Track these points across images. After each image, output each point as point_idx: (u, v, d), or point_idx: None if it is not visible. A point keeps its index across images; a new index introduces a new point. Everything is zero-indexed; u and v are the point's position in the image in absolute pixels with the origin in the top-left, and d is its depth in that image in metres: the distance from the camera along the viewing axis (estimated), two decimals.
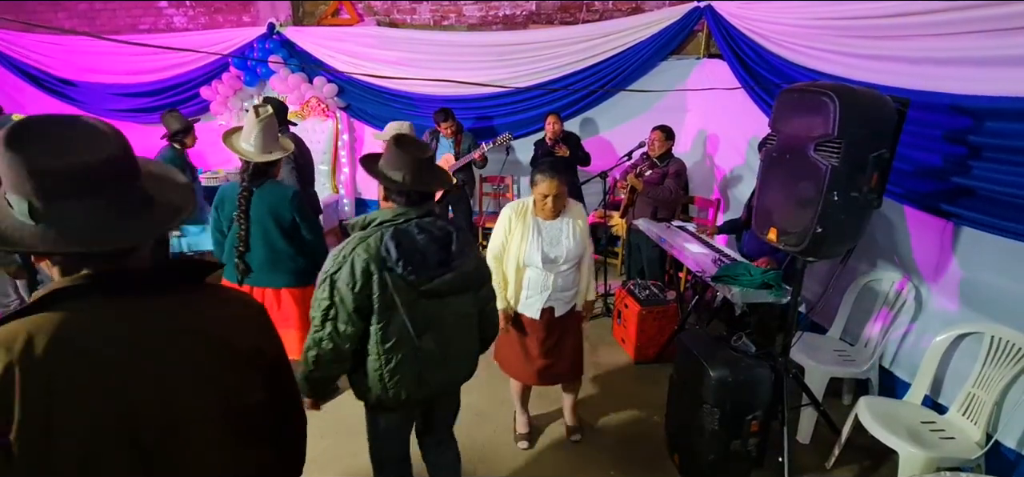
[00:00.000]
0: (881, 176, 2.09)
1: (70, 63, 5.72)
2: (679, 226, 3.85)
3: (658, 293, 3.58)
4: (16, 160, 0.78)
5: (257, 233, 2.53)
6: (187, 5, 5.91)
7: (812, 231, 2.09)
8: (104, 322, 0.85)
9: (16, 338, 0.78)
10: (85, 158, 0.81)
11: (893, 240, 2.88)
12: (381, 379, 1.66)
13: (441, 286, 1.64)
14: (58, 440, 0.79)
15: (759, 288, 2.67)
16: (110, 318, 0.85)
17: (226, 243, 2.60)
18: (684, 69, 4.84)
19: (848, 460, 2.59)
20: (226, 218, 2.60)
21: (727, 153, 4.56)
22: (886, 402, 2.55)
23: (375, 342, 1.63)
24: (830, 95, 1.97)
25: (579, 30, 4.93)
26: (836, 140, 1.97)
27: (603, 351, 3.70)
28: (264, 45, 5.28)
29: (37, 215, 0.79)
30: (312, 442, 1.25)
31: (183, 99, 5.66)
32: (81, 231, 0.81)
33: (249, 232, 2.52)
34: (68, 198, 0.80)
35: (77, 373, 0.81)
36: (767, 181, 2.35)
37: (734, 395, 2.30)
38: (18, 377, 0.77)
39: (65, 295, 0.83)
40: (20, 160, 0.78)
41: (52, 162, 0.79)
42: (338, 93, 5.48)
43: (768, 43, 3.62)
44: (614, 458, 2.69)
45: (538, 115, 5.09)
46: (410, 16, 5.57)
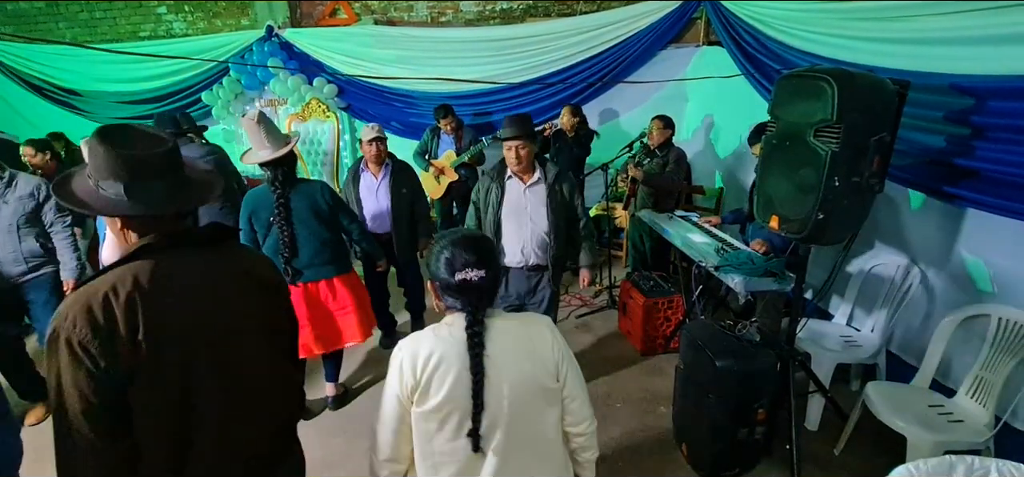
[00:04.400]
0: (882, 160, 2.07)
1: (73, 73, 5.76)
2: (682, 216, 3.83)
3: (663, 284, 3.57)
4: (111, 153, 1.09)
5: (303, 233, 2.61)
6: (186, 10, 5.92)
7: (814, 217, 2.07)
8: (183, 266, 1.16)
9: (126, 278, 1.08)
10: (156, 150, 1.14)
11: (897, 224, 2.86)
12: None
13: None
14: (164, 349, 1.09)
15: (763, 276, 2.66)
16: (185, 263, 1.17)
17: (266, 249, 2.64)
18: (684, 58, 4.81)
19: (857, 445, 2.58)
20: (262, 225, 2.63)
21: (729, 141, 4.54)
22: (894, 387, 2.54)
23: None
24: (828, 80, 1.95)
25: (577, 22, 4.91)
26: (835, 125, 1.95)
27: (609, 343, 3.71)
28: (263, 48, 5.30)
29: (129, 191, 1.10)
30: (326, 439, 1.28)
31: (185, 105, 5.69)
32: (159, 200, 1.13)
33: (294, 236, 2.59)
34: (149, 178, 1.12)
35: (172, 300, 1.12)
36: (767, 168, 2.33)
37: (740, 384, 2.29)
38: (140, 303, 1.07)
39: (149, 250, 1.13)
40: (115, 153, 1.10)
41: (138, 153, 1.12)
42: (338, 94, 5.49)
43: (767, 28, 3.58)
44: (622, 449, 2.69)
45: (539, 108, 5.08)
46: (407, 14, 5.56)
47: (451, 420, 1.22)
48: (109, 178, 1.10)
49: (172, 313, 1.12)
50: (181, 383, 1.13)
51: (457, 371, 1.20)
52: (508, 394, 1.22)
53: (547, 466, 1.32)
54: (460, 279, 1.20)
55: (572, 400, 1.32)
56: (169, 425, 1.13)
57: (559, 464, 1.34)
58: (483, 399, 1.20)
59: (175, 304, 1.12)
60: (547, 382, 1.27)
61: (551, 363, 1.28)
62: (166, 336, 1.10)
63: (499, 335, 1.24)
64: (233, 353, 1.21)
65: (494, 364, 1.21)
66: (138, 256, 1.11)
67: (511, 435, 1.24)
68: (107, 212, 1.13)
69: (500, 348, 1.23)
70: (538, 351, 1.27)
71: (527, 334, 1.28)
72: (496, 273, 1.26)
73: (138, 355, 1.07)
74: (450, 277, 1.22)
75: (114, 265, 1.11)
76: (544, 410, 1.28)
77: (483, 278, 1.21)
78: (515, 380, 1.23)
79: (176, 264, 1.15)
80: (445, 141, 4.79)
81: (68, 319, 1.04)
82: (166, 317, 1.10)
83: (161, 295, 1.10)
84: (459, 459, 1.24)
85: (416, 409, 1.23)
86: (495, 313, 1.28)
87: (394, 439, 1.26)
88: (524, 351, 1.25)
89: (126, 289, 1.07)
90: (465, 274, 1.20)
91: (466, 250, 1.22)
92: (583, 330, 3.90)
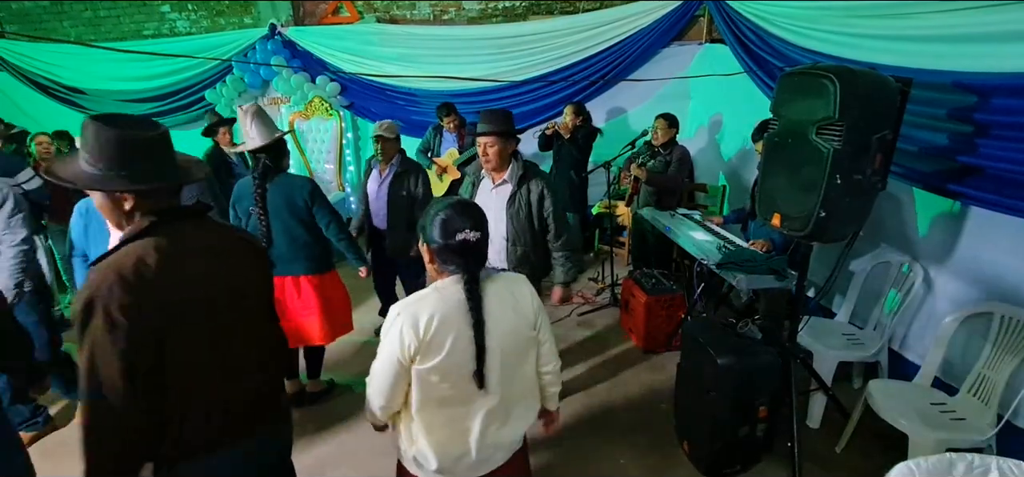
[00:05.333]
0: (885, 157, 2.07)
1: (78, 71, 5.79)
2: (684, 214, 3.83)
3: (665, 282, 3.58)
4: (108, 132, 1.18)
5: (277, 225, 2.61)
6: (190, 9, 5.94)
7: (816, 215, 2.07)
8: (193, 235, 1.30)
9: (148, 249, 1.19)
10: (151, 133, 1.25)
11: (900, 222, 2.85)
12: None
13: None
14: (192, 310, 1.24)
15: (765, 274, 2.66)
16: (193, 233, 1.31)
17: None
18: (686, 55, 4.80)
19: (858, 443, 2.58)
20: (243, 213, 2.67)
21: (732, 138, 4.53)
22: (896, 385, 2.54)
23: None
24: (830, 77, 1.95)
25: (579, 19, 4.91)
26: (837, 122, 1.95)
27: (611, 341, 3.71)
28: (266, 46, 5.31)
29: (128, 169, 1.19)
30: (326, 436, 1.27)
31: (188, 103, 5.72)
32: (151, 175, 1.23)
33: (269, 226, 2.59)
34: (147, 156, 1.23)
35: (193, 266, 1.26)
36: (769, 166, 2.33)
37: (741, 382, 2.30)
38: (167, 269, 1.19)
39: (160, 225, 1.23)
40: (116, 136, 1.19)
41: (134, 133, 1.21)
42: (341, 92, 5.50)
43: (770, 26, 3.58)
44: (624, 446, 2.70)
45: (541, 106, 5.09)
46: (410, 12, 5.57)
47: (453, 371, 1.35)
48: (101, 157, 1.19)
49: (196, 277, 1.26)
50: (209, 339, 1.28)
51: (458, 328, 1.33)
52: (500, 341, 1.39)
53: (528, 398, 1.56)
54: (461, 239, 1.33)
55: (544, 344, 1.56)
56: (200, 379, 1.26)
57: (535, 395, 1.60)
58: (485, 345, 1.35)
59: (196, 269, 1.26)
60: (528, 331, 1.47)
61: (531, 315, 1.48)
62: (193, 298, 1.24)
63: (489, 292, 1.39)
64: (244, 311, 1.38)
65: (489, 316, 1.36)
66: (150, 231, 1.22)
67: (504, 374, 1.42)
68: (95, 186, 1.21)
69: (489, 305, 1.37)
70: (520, 305, 1.46)
71: (511, 291, 1.46)
72: (487, 236, 1.40)
73: (171, 317, 1.20)
74: (449, 239, 1.33)
75: (129, 240, 1.21)
76: (526, 352, 1.49)
77: (480, 238, 1.36)
78: (505, 330, 1.40)
79: (186, 234, 1.28)
80: (448, 139, 4.80)
81: (102, 288, 1.12)
82: (191, 281, 1.24)
83: (183, 261, 1.24)
84: (461, 398, 1.40)
85: (418, 367, 1.34)
86: (484, 276, 1.42)
87: (390, 392, 1.39)
88: (510, 306, 1.43)
89: (153, 258, 1.18)
90: (465, 235, 1.33)
91: (462, 214, 1.36)
92: (585, 327, 3.90)
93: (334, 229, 2.75)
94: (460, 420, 1.42)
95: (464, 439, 1.42)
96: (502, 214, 2.48)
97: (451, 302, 1.33)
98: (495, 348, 1.37)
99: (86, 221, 2.56)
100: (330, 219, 2.74)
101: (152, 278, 1.17)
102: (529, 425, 1.57)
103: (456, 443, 1.42)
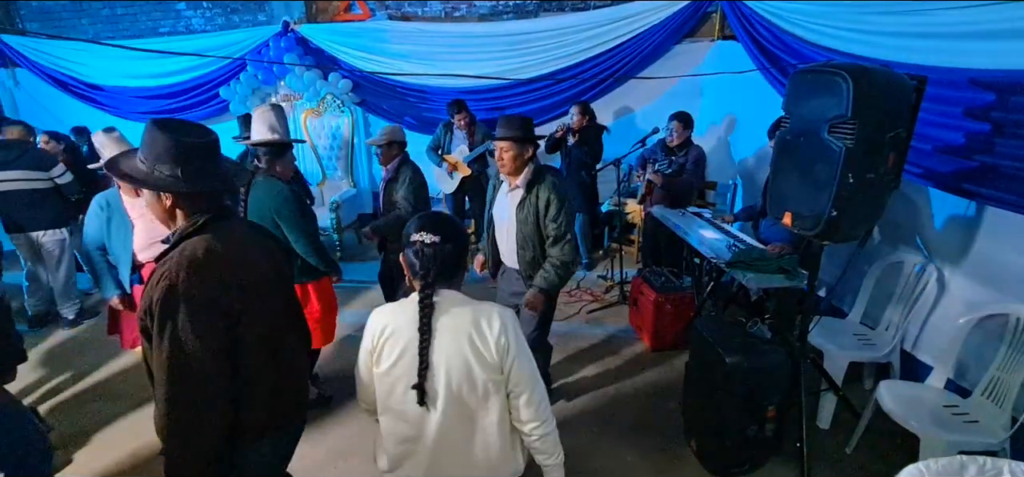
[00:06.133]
0: (898, 156, 2.05)
1: (96, 68, 5.90)
2: (694, 212, 3.82)
3: (674, 280, 3.56)
4: (170, 139, 1.32)
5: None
6: (205, 7, 6.01)
7: (827, 214, 2.06)
8: (241, 231, 1.46)
9: (212, 242, 1.32)
10: (207, 139, 1.39)
11: (914, 221, 2.82)
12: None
13: None
14: (256, 295, 1.39)
15: (775, 273, 2.65)
16: (240, 229, 1.46)
17: None
18: (698, 52, 4.77)
19: (869, 444, 2.56)
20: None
21: (744, 136, 4.50)
22: (908, 386, 2.51)
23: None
24: (843, 75, 1.93)
25: (591, 16, 4.89)
26: (850, 121, 1.93)
27: (619, 338, 3.71)
28: (279, 43, 5.36)
29: (186, 173, 1.32)
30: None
31: (203, 100, 5.80)
32: (208, 179, 1.37)
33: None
34: (201, 161, 1.36)
35: (250, 256, 1.42)
36: (781, 165, 2.32)
37: (749, 381, 2.29)
38: (233, 259, 1.35)
39: (214, 222, 1.36)
40: (173, 140, 1.32)
41: (193, 141, 1.35)
42: (353, 88, 5.54)
43: (784, 23, 3.54)
44: (631, 444, 2.70)
45: (551, 104, 5.08)
46: (421, 9, 5.58)
47: (400, 383, 1.34)
48: (167, 161, 1.32)
49: (254, 266, 1.42)
50: (270, 321, 1.44)
51: (405, 341, 1.32)
52: (446, 364, 1.30)
53: (491, 450, 1.38)
54: (414, 240, 1.32)
55: (516, 397, 1.36)
56: (262, 363, 1.40)
57: (501, 451, 1.39)
58: (429, 359, 1.29)
59: (253, 259, 1.43)
60: (484, 371, 1.31)
61: (494, 353, 1.31)
62: (255, 283, 1.39)
63: (448, 314, 1.32)
64: (286, 298, 1.56)
65: (439, 334, 1.30)
66: (207, 227, 1.35)
67: (450, 406, 1.33)
68: (163, 188, 1.33)
69: (444, 326, 1.31)
70: (480, 339, 1.31)
71: (474, 320, 1.32)
72: (454, 249, 1.33)
73: (240, 299, 1.33)
74: (407, 243, 1.34)
75: (188, 235, 1.33)
76: (484, 396, 1.34)
77: (435, 243, 1.30)
78: (452, 354, 1.30)
79: (235, 230, 1.43)
80: (458, 136, 4.81)
81: (180, 277, 1.24)
82: (252, 268, 1.41)
83: (242, 252, 1.39)
84: (409, 417, 1.35)
85: (376, 370, 1.38)
86: (453, 295, 1.35)
87: (365, 389, 1.45)
88: (465, 336, 1.30)
89: (218, 247, 1.32)
90: (420, 236, 1.31)
91: (424, 220, 1.35)
92: (594, 325, 3.90)
93: (302, 245, 2.56)
94: (412, 441, 1.37)
95: (413, 462, 1.39)
96: (513, 218, 2.48)
97: (409, 313, 1.32)
98: (441, 368, 1.30)
99: (108, 215, 2.61)
100: (299, 235, 2.54)
101: (222, 264, 1.31)
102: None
103: (404, 462, 1.40)
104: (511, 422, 1.40)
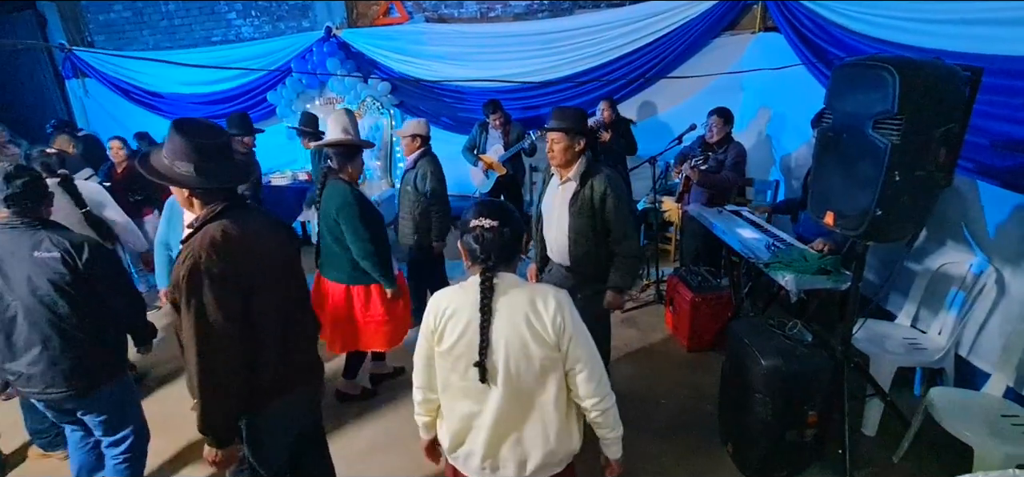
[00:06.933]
0: (950, 152, 1.94)
1: (156, 76, 6.29)
2: (732, 211, 3.72)
3: (711, 280, 3.50)
4: (186, 140, 1.50)
5: (323, 229, 2.73)
6: (253, 15, 6.31)
7: (871, 214, 1.98)
8: (254, 218, 1.60)
9: (227, 226, 1.49)
10: (219, 139, 1.58)
11: (970, 219, 2.66)
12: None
13: None
14: (268, 273, 1.57)
15: (816, 274, 2.56)
16: (253, 216, 1.61)
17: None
18: (739, 45, 4.64)
19: (918, 454, 2.45)
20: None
21: (786, 132, 4.35)
22: (961, 393, 2.39)
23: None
24: (889, 69, 1.85)
25: (626, 12, 4.83)
26: (896, 116, 1.85)
27: (655, 339, 3.67)
28: (322, 48, 5.56)
29: (199, 169, 1.51)
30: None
31: (252, 105, 6.09)
32: (221, 175, 1.55)
33: (319, 228, 2.74)
34: (215, 159, 1.53)
35: (263, 240, 1.58)
36: (823, 162, 2.24)
37: (788, 385, 2.23)
38: (245, 241, 1.51)
39: (226, 212, 1.52)
40: (189, 140, 1.50)
41: (206, 141, 1.53)
42: (391, 90, 5.68)
43: (829, 12, 3.41)
44: (665, 446, 2.68)
45: (589, 101, 5.05)
46: (457, 9, 5.66)
47: (461, 362, 1.40)
48: (183, 159, 1.50)
49: (265, 248, 1.58)
50: (281, 296, 1.62)
51: (466, 321, 1.38)
52: (506, 343, 1.36)
53: (548, 427, 1.44)
54: (474, 226, 1.39)
55: (576, 374, 1.42)
56: (272, 331, 1.58)
57: (558, 428, 1.44)
58: (489, 338, 1.36)
59: (265, 242, 1.59)
60: (541, 349, 1.37)
61: (551, 333, 1.36)
62: (266, 262, 1.57)
63: (506, 295, 1.38)
64: (296, 277, 1.73)
65: (498, 314, 1.37)
66: (223, 214, 1.51)
67: (510, 382, 1.39)
68: (181, 184, 1.53)
69: (503, 306, 1.37)
70: (537, 319, 1.36)
71: (531, 300, 1.38)
72: (512, 232, 1.41)
73: (253, 274, 1.51)
74: (466, 229, 1.42)
75: (207, 221, 1.50)
76: (543, 374, 1.40)
77: (495, 227, 1.38)
78: (511, 335, 1.36)
79: (249, 217, 1.58)
80: (493, 136, 4.86)
81: (201, 255, 1.43)
82: (262, 249, 1.57)
83: (255, 236, 1.55)
84: (470, 394, 1.43)
85: (438, 349, 1.44)
86: (511, 277, 1.42)
87: (424, 371, 1.51)
88: (523, 315, 1.36)
89: (233, 230, 1.49)
90: (479, 222, 1.39)
91: (483, 207, 1.43)
92: (628, 325, 3.87)
93: (357, 248, 2.62)
94: (472, 418, 1.45)
95: (473, 437, 1.46)
96: (565, 211, 2.44)
97: (470, 294, 1.39)
98: (500, 346, 1.36)
99: (169, 213, 2.82)
100: (354, 237, 2.59)
101: (236, 244, 1.48)
102: (551, 458, 1.46)
103: (465, 438, 1.48)
104: (569, 401, 1.47)
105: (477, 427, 1.45)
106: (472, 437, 1.47)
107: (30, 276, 1.87)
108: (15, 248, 1.89)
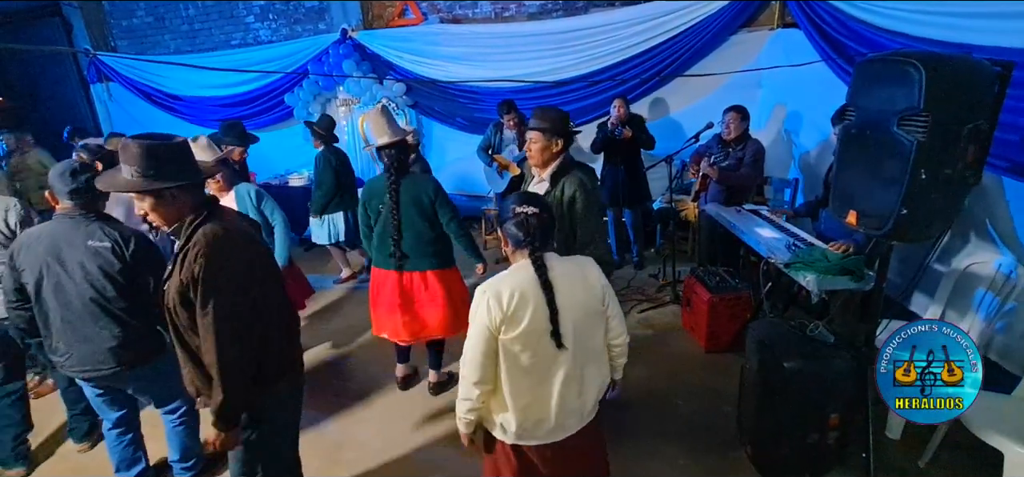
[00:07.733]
0: (979, 150, 1.88)
1: (177, 80, 6.42)
2: (751, 210, 3.67)
3: (729, 280, 3.45)
4: (139, 147, 1.54)
5: (406, 222, 2.75)
6: (271, 19, 6.40)
7: (896, 213, 1.93)
8: (231, 221, 1.68)
9: (227, 223, 1.63)
10: (172, 144, 1.62)
11: (996, 217, 2.59)
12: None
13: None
14: (267, 265, 1.75)
15: (838, 275, 2.51)
16: (230, 219, 1.69)
17: (375, 234, 2.85)
18: (756, 42, 4.57)
19: (945, 459, 2.39)
20: (373, 211, 2.82)
21: (806, 130, 4.27)
22: (992, 397, 2.31)
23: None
24: (915, 64, 1.80)
25: (641, 10, 4.79)
26: (922, 113, 1.80)
27: (672, 340, 3.64)
28: (338, 50, 5.61)
29: (150, 174, 1.55)
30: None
31: (270, 106, 6.17)
32: (177, 175, 1.59)
33: (401, 222, 2.75)
34: (168, 163, 1.58)
35: (235, 240, 1.62)
36: (845, 160, 2.19)
37: (808, 387, 2.19)
38: (245, 235, 1.67)
39: (213, 211, 1.64)
40: (141, 146, 1.54)
41: (159, 147, 1.57)
42: (407, 91, 5.71)
43: (849, 7, 3.34)
44: (683, 448, 2.65)
45: (603, 100, 5.02)
46: (471, 11, 5.67)
47: (533, 337, 1.54)
48: (133, 165, 1.55)
49: (255, 244, 1.72)
50: (276, 285, 1.76)
51: (534, 300, 1.52)
52: (571, 309, 1.56)
53: (601, 366, 1.73)
54: (519, 213, 1.56)
55: (613, 319, 1.71)
56: (274, 317, 1.71)
57: (605, 363, 1.76)
58: (556, 307, 1.53)
59: (252, 239, 1.72)
60: (596, 305, 1.63)
61: (599, 290, 1.64)
62: (258, 255, 1.70)
63: (558, 270, 1.57)
64: (279, 271, 1.87)
65: (559, 287, 1.54)
66: (210, 217, 1.62)
67: (576, 339, 1.59)
68: (138, 190, 1.57)
69: (557, 277, 1.55)
70: (589, 282, 1.63)
71: (579, 270, 1.64)
72: (549, 217, 1.62)
73: (254, 266, 1.64)
74: (510, 216, 1.58)
75: (200, 223, 1.59)
76: (595, 326, 1.66)
77: (537, 214, 1.57)
78: (574, 302, 1.57)
79: (230, 218, 1.69)
80: (507, 136, 4.86)
81: (212, 254, 1.53)
82: (252, 243, 1.69)
83: (243, 234, 1.67)
84: (542, 364, 1.58)
85: (503, 337, 1.53)
86: (552, 255, 1.61)
87: (483, 363, 1.57)
88: (578, 283, 1.60)
89: (230, 230, 1.61)
90: (523, 209, 1.56)
91: (523, 198, 1.64)
92: (644, 326, 3.84)
93: (454, 226, 2.79)
94: (541, 386, 1.59)
95: (545, 404, 1.60)
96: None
97: (526, 278, 1.53)
98: (567, 312, 1.54)
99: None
100: (451, 216, 2.78)
101: (235, 242, 1.60)
102: (600, 392, 1.72)
103: (538, 409, 1.61)
104: (604, 340, 1.73)
105: (545, 395, 1.60)
106: (544, 406, 1.61)
107: (83, 262, 2.05)
108: (72, 237, 2.06)
